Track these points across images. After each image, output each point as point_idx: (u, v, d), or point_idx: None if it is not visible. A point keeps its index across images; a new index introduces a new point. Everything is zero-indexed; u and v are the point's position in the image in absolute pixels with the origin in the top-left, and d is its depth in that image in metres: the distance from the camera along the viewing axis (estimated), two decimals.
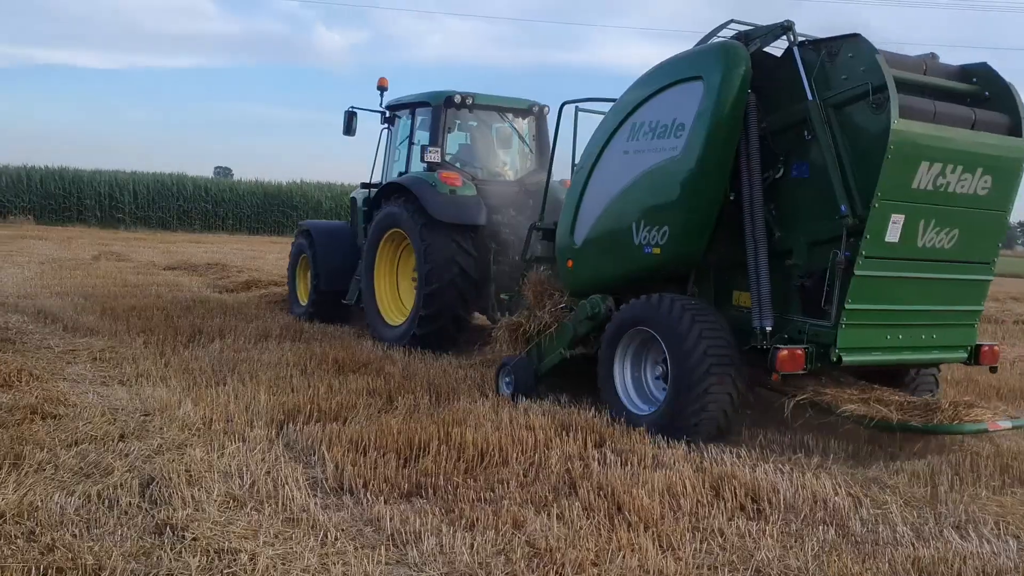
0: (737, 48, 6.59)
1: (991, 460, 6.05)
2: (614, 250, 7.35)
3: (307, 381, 7.65)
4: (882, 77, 5.79)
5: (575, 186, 7.80)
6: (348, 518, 4.65)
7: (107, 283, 15.16)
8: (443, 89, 10.64)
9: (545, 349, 7.79)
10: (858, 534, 4.73)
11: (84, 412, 6.33)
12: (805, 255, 6.35)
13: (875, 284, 6.10)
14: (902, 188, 5.91)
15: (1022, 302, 20.60)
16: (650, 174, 6.96)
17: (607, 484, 5.18)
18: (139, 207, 41.01)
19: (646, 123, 7.07)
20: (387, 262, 10.77)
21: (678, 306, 6.56)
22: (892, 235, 6.00)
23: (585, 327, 7.45)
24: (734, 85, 6.47)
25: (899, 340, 6.40)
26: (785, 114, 6.45)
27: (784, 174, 6.50)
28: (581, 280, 7.71)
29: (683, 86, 6.82)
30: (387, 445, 5.75)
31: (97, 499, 4.64)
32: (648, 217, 6.98)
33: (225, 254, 24.31)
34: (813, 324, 6.22)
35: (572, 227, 7.74)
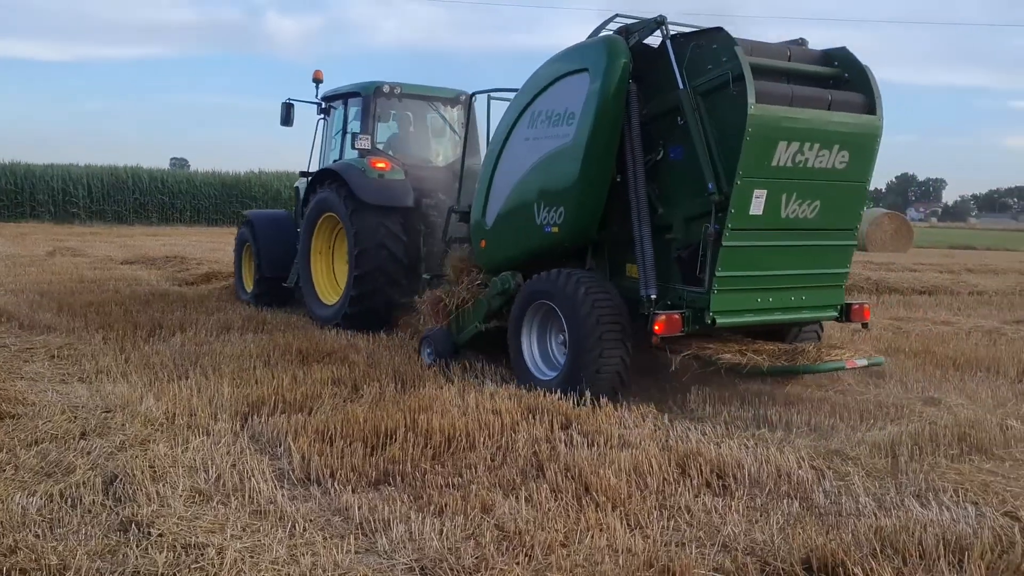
0: (617, 41, 7.19)
1: (949, 430, 6.16)
2: (520, 230, 7.97)
3: (271, 372, 7.59)
4: (739, 67, 6.36)
5: (485, 171, 8.47)
6: (316, 508, 4.64)
7: (63, 279, 14.91)
8: (375, 79, 11.18)
9: (463, 322, 8.47)
10: (822, 506, 4.81)
11: (43, 411, 6.22)
12: (683, 229, 6.94)
13: (742, 253, 6.71)
14: (762, 166, 6.51)
15: (976, 273, 20.98)
16: (547, 159, 7.60)
17: (574, 465, 5.21)
18: (94, 201, 40.38)
19: (543, 112, 7.69)
20: (323, 245, 11.28)
21: (573, 279, 7.19)
22: (756, 208, 6.61)
23: (498, 302, 8.10)
24: (615, 76, 7.07)
25: (770, 302, 7.05)
26: (662, 101, 7.02)
27: (663, 157, 7.09)
28: (493, 258, 8.37)
29: (572, 77, 7.43)
30: (353, 434, 5.74)
31: (60, 498, 4.58)
32: (547, 198, 7.64)
33: (184, 247, 24.01)
34: (690, 291, 6.85)
35: (484, 209, 8.41)
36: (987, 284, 17.98)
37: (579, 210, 7.44)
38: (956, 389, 7.77)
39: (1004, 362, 9.02)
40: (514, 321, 7.79)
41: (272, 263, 12.16)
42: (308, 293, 11.25)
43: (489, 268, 8.44)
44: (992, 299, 15.96)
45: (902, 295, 16.25)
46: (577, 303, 7.05)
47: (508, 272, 8.03)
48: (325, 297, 11.09)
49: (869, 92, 6.99)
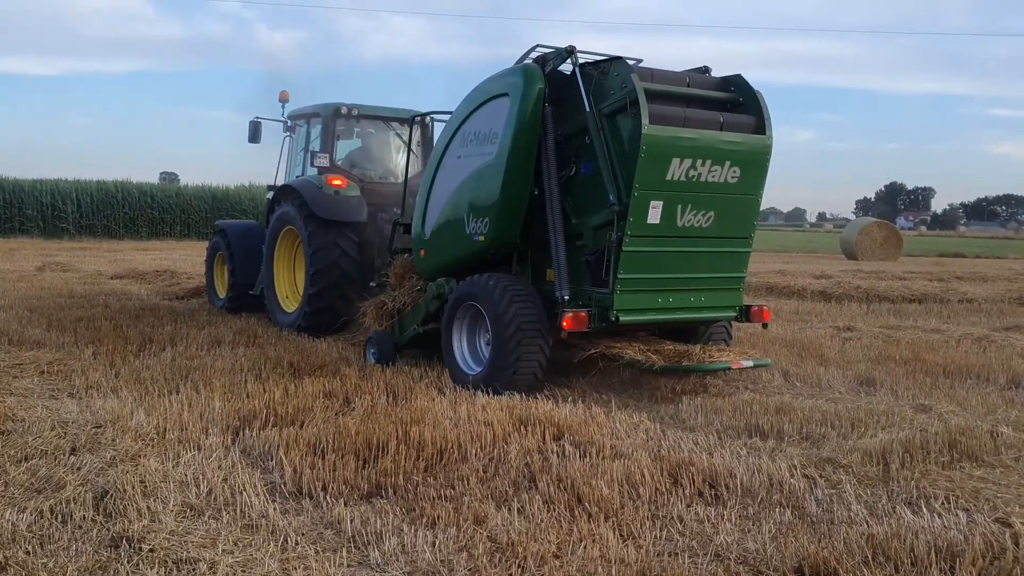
0: (534, 69, 8.01)
1: (939, 437, 6.18)
2: (452, 239, 8.69)
3: (262, 386, 7.58)
4: (635, 91, 7.09)
5: (424, 186, 9.24)
6: (308, 522, 4.62)
7: (53, 294, 14.85)
8: (334, 101, 11.77)
9: (404, 324, 9.23)
10: (814, 514, 4.82)
11: (33, 426, 6.19)
12: (591, 237, 7.65)
13: (641, 257, 7.43)
14: (657, 179, 7.23)
15: (965, 281, 21.07)
16: (475, 174, 8.37)
17: (566, 476, 5.21)
18: (83, 216, 40.23)
19: (472, 132, 8.50)
20: (285, 256, 11.93)
21: (495, 282, 7.91)
22: (653, 218, 7.34)
23: (434, 305, 8.82)
24: (531, 100, 7.86)
25: (670, 302, 7.75)
26: (573, 122, 7.77)
27: (575, 172, 7.82)
28: (430, 266, 9.09)
29: (496, 101, 8.21)
30: (345, 447, 5.72)
31: (50, 514, 4.55)
32: (474, 210, 8.38)
33: (174, 260, 23.95)
34: (597, 292, 7.55)
35: (423, 221, 9.16)
36: (977, 292, 18.05)
37: (501, 220, 8.16)
38: (946, 396, 7.81)
39: (994, 369, 9.06)
40: (446, 322, 8.45)
41: (246, 271, 12.71)
42: (271, 300, 11.86)
43: (427, 275, 9.16)
44: (982, 307, 16.04)
45: (892, 303, 16.32)
46: (498, 304, 7.72)
47: (443, 278, 8.78)
48: (286, 304, 11.70)
49: (759, 114, 7.71)
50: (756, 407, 7.17)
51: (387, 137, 12.57)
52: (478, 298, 8.03)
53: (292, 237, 11.64)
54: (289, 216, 11.30)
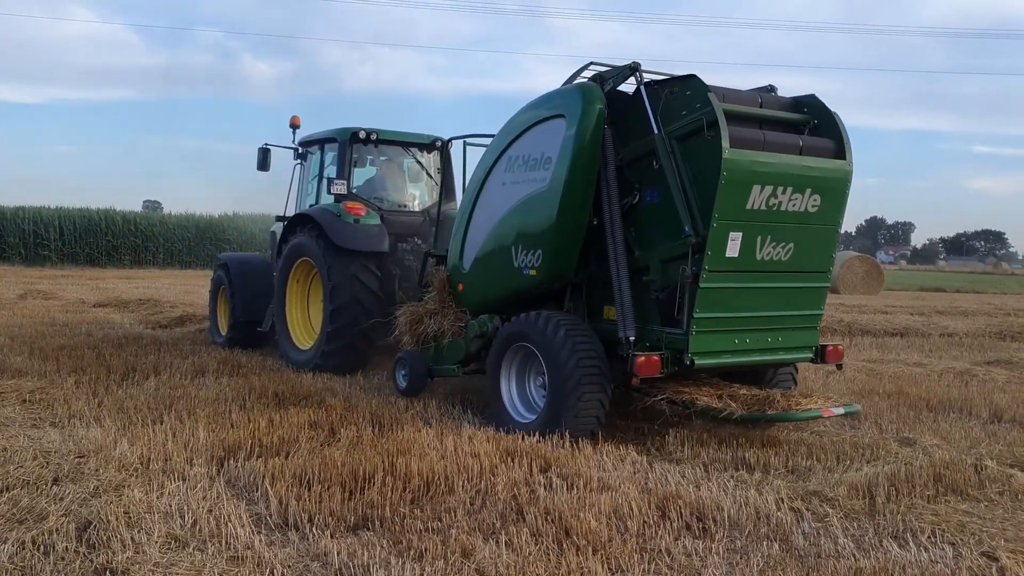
0: (593, 88, 7.36)
1: (924, 470, 6.21)
2: (497, 273, 8.05)
3: (247, 416, 7.52)
4: (714, 113, 6.51)
5: (462, 215, 8.55)
6: (294, 554, 4.58)
7: (34, 322, 14.74)
8: (351, 125, 11.15)
9: (440, 356, 8.56)
10: (801, 548, 4.82)
11: (15, 456, 6.12)
12: (660, 271, 6.99)
13: (719, 294, 6.80)
14: (737, 209, 6.63)
15: (947, 315, 21.25)
16: (525, 203, 7.72)
17: (554, 509, 5.20)
18: (66, 244, 40.02)
19: (520, 157, 7.82)
20: (298, 290, 11.24)
21: (552, 321, 7.23)
22: (732, 251, 6.73)
23: (476, 345, 8.15)
24: (591, 121, 7.23)
25: (747, 343, 7.13)
26: (637, 146, 7.15)
27: (639, 200, 7.19)
28: (471, 301, 8.42)
29: (548, 123, 7.58)
30: (331, 478, 5.69)
31: (32, 546, 4.49)
32: (524, 241, 7.72)
33: (157, 289, 23.84)
34: (668, 332, 6.91)
35: (461, 253, 8.49)
36: (957, 326, 18.21)
37: (556, 253, 7.53)
38: (930, 430, 7.85)
39: (976, 403, 9.12)
40: (493, 364, 7.77)
41: (247, 307, 12.17)
42: (283, 337, 11.16)
43: (466, 310, 8.47)
44: (963, 340, 16.16)
45: (875, 337, 16.42)
46: (556, 345, 7.06)
47: (486, 315, 8.11)
48: (300, 341, 11.02)
49: (838, 137, 7.16)
50: (742, 440, 7.18)
51: (406, 164, 12.04)
52: (531, 339, 7.37)
53: (306, 269, 11.05)
54: (305, 247, 10.68)
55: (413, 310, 8.95)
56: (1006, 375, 11.51)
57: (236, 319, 12.22)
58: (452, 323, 8.52)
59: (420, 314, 8.82)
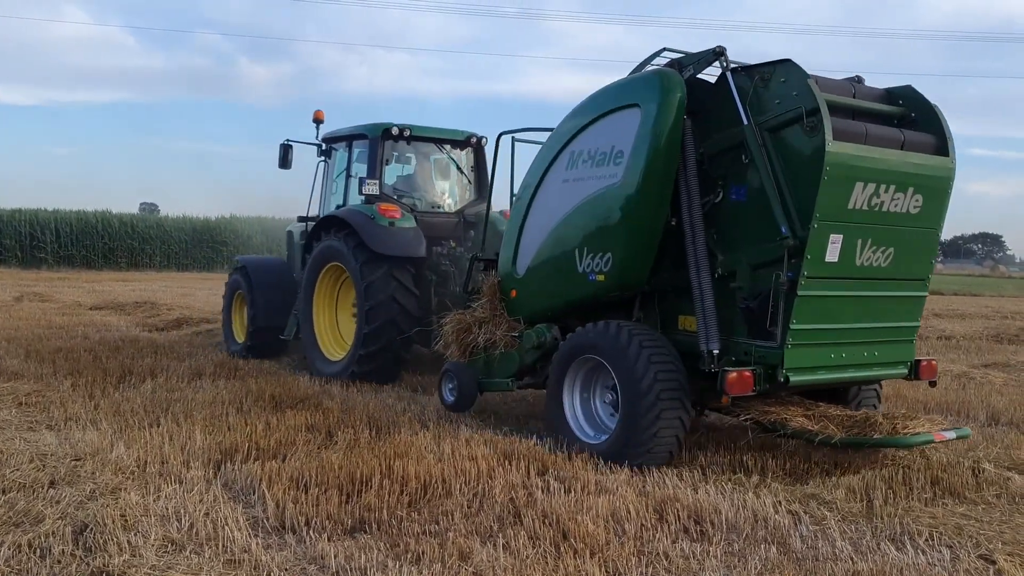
0: (672, 75, 6.69)
1: (922, 473, 6.21)
2: (558, 278, 7.38)
3: (244, 419, 7.51)
4: (814, 100, 5.92)
5: (515, 216, 7.86)
6: (291, 557, 4.57)
7: (31, 325, 14.72)
8: (380, 121, 10.56)
9: (491, 369, 7.87)
10: (798, 551, 4.82)
11: (11, 459, 6.11)
12: (748, 277, 6.36)
13: (818, 303, 6.18)
14: (839, 208, 6.04)
15: (944, 318, 21.26)
16: (591, 202, 7.02)
17: (552, 512, 5.19)
18: (62, 246, 40.01)
19: (585, 151, 7.13)
20: (326, 296, 10.60)
21: (626, 332, 6.55)
22: (832, 255, 6.13)
23: (531, 356, 7.52)
24: (671, 111, 6.56)
25: (843, 358, 6.49)
26: (721, 138, 6.54)
27: (723, 198, 6.57)
28: (525, 309, 7.77)
29: (620, 114, 6.89)
30: (328, 481, 5.68)
31: (28, 549, 4.48)
32: (591, 244, 7.02)
33: (154, 292, 23.82)
34: (759, 346, 6.26)
35: (514, 257, 7.83)
36: (955, 329, 18.22)
37: (629, 256, 6.86)
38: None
39: (974, 406, 9.13)
40: (555, 378, 7.11)
41: (268, 312, 11.48)
42: (310, 348, 10.53)
43: (521, 319, 7.82)
44: (960, 344, 16.17)
45: None
46: (631, 359, 6.42)
47: (543, 324, 7.51)
48: (329, 351, 10.43)
49: (940, 132, 6.57)
50: (739, 443, 7.18)
51: (440, 162, 11.36)
52: (602, 351, 6.71)
53: (336, 274, 10.42)
54: (335, 251, 10.02)
55: (460, 319, 8.24)
56: (1003, 378, 11.51)
57: (256, 326, 11.54)
58: (504, 333, 7.82)
59: (468, 323, 8.14)
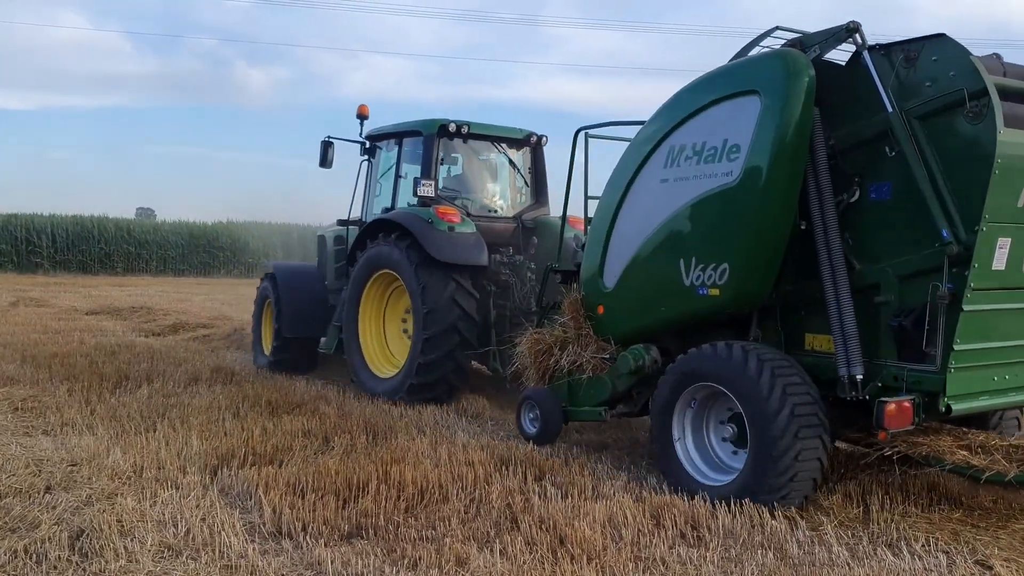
0: (798, 57, 5.83)
1: (919, 479, 6.22)
2: (657, 293, 6.47)
3: (240, 424, 7.51)
4: (980, 82, 5.06)
5: (600, 222, 6.92)
6: (288, 563, 4.57)
7: (27, 330, 14.69)
8: (434, 117, 9.87)
9: (577, 397, 7.03)
10: (795, 556, 4.82)
11: (7, 464, 6.10)
12: (895, 289, 5.52)
13: (983, 319, 5.37)
14: (1009, 208, 5.21)
15: None
16: (700, 204, 6.11)
17: (549, 517, 5.19)
18: (58, 251, 39.87)
19: (688, 146, 6.23)
20: (373, 306, 9.78)
21: (755, 358, 5.65)
22: (999, 262, 5.28)
23: (626, 382, 6.67)
24: (798, 98, 5.69)
25: (1006, 381, 5.69)
26: (857, 129, 5.71)
27: (860, 197, 5.71)
28: (616, 327, 6.83)
29: (734, 102, 6.02)
30: (325, 487, 5.68)
31: (24, 554, 4.48)
32: (701, 253, 6.10)
33: (150, 296, 23.78)
34: (914, 370, 5.39)
35: (600, 268, 6.85)
36: None
37: (751, 266, 5.94)
38: None
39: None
40: (660, 408, 6.18)
41: (295, 322, 10.68)
42: (357, 363, 9.69)
43: (610, 339, 6.90)
44: None
45: None
46: (762, 389, 5.51)
47: (640, 346, 6.60)
48: (378, 367, 9.61)
49: None
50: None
51: (495, 162, 10.58)
52: (724, 380, 5.79)
53: (384, 283, 9.62)
54: (386, 257, 9.23)
55: (537, 338, 7.31)
56: None
57: (281, 338, 10.76)
58: (592, 355, 6.88)
59: (547, 343, 7.19)
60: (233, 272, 41.37)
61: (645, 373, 6.52)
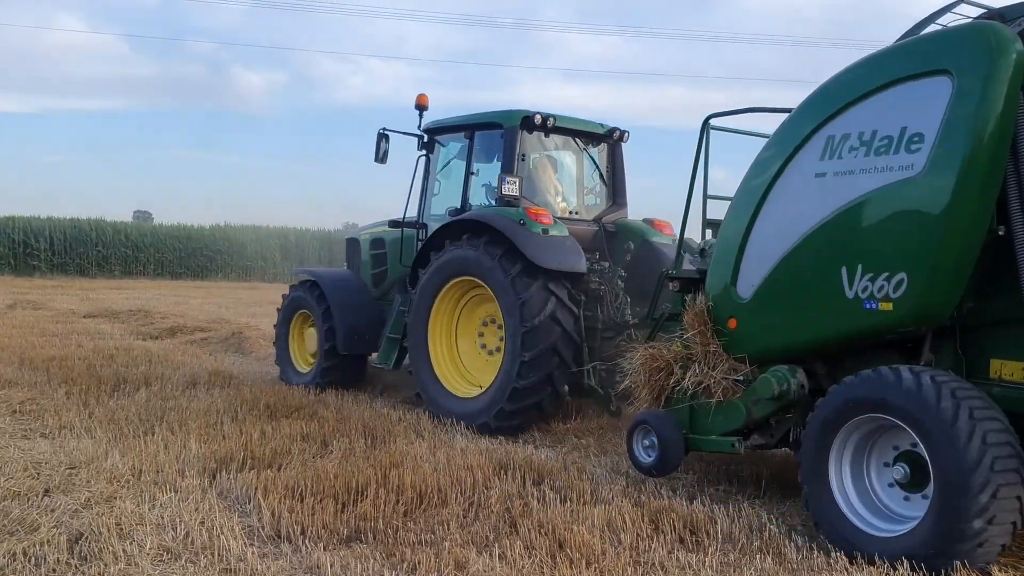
0: (1001, 30, 4.90)
1: None
2: (809, 306, 5.55)
3: (239, 428, 7.51)
4: None
5: (734, 223, 6.03)
6: (287, 566, 4.57)
7: (24, 332, 14.67)
8: (516, 108, 8.93)
9: (701, 423, 6.11)
10: (794, 561, 4.83)
11: (5, 467, 6.10)
12: None
13: None
14: None
15: None
16: (869, 201, 5.22)
17: (547, 521, 5.19)
18: (56, 254, 39.88)
19: (853, 135, 5.36)
20: (445, 318, 8.81)
21: (943, 388, 4.74)
22: None
23: (765, 409, 5.76)
24: (1003, 79, 4.79)
25: None
26: None
27: None
28: (752, 345, 5.91)
29: (915, 84, 5.17)
30: (324, 490, 5.68)
31: (23, 557, 4.47)
32: (870, 260, 5.18)
33: (147, 300, 23.77)
34: None
35: (734, 275, 5.96)
36: None
37: (935, 277, 4.99)
38: None
39: None
40: (814, 443, 5.23)
41: (350, 337, 9.85)
42: (428, 381, 8.68)
43: (739, 358, 5.97)
44: None
45: None
46: (947, 424, 4.62)
47: (784, 367, 5.68)
48: (453, 386, 8.64)
49: None
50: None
51: (571, 158, 9.71)
52: (899, 412, 4.85)
53: (459, 291, 8.68)
54: (473, 263, 8.22)
55: (653, 354, 6.32)
56: None
57: (335, 353, 9.89)
58: (723, 376, 5.92)
59: (666, 360, 6.23)
60: (230, 275, 41.40)
61: (789, 400, 5.64)
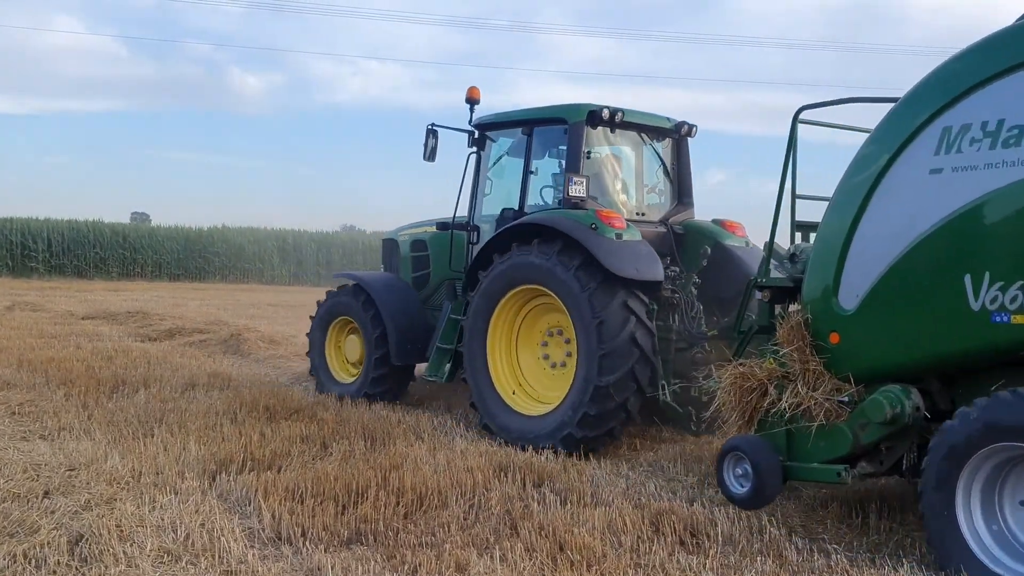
0: None
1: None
2: (926, 318, 5.00)
3: (238, 429, 7.50)
4: None
5: (834, 226, 5.46)
6: (288, 568, 4.57)
7: (23, 334, 14.65)
8: (577, 102, 8.33)
9: (801, 449, 5.50)
10: (794, 563, 4.83)
11: (4, 469, 6.09)
12: None
13: None
14: None
15: None
16: (998, 200, 4.70)
17: (548, 523, 5.19)
18: (54, 255, 39.82)
19: (974, 126, 4.83)
20: (506, 326, 8.18)
21: None
22: None
23: (874, 434, 5.16)
24: None
25: None
26: None
27: None
28: (859, 362, 5.32)
29: None
30: (324, 492, 5.68)
31: (23, 559, 4.46)
32: (1000, 267, 4.66)
33: (146, 301, 23.74)
34: None
35: (835, 284, 5.39)
36: None
37: None
38: None
39: None
40: (939, 476, 4.70)
41: (403, 347, 9.25)
42: (486, 395, 8.00)
43: (841, 376, 5.36)
44: None
45: None
46: None
47: (897, 387, 5.08)
48: (515, 402, 7.96)
49: None
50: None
51: (638, 155, 8.94)
52: None
53: (521, 300, 8.03)
54: (543, 271, 7.56)
55: (744, 373, 5.70)
56: None
57: (387, 363, 9.30)
58: (824, 396, 5.31)
59: (759, 379, 5.61)
60: (228, 277, 41.36)
61: (903, 424, 5.07)
